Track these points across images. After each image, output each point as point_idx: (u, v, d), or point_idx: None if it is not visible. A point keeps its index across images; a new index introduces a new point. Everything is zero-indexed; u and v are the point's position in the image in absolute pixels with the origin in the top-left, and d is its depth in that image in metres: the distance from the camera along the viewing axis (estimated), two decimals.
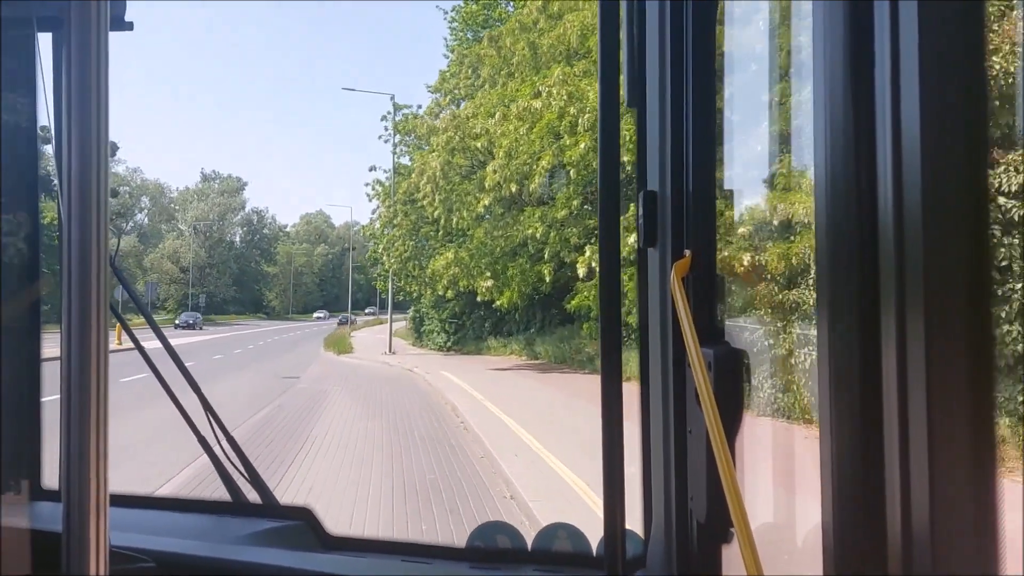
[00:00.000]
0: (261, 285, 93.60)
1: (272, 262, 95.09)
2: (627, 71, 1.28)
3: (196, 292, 79.76)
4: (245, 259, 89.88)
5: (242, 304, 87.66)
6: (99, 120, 0.84)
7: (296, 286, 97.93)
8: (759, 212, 2.80)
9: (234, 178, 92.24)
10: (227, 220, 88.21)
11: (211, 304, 74.90)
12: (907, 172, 0.72)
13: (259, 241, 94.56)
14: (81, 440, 0.83)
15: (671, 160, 1.20)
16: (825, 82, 0.81)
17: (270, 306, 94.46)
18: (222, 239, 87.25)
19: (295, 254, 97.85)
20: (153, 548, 1.45)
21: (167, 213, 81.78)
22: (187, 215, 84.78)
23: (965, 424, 0.69)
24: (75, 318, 0.83)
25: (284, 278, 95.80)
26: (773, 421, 3.01)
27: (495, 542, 1.50)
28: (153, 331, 1.77)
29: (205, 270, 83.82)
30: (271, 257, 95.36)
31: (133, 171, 77.98)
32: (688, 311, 1.08)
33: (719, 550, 1.13)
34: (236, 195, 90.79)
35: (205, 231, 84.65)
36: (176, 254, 79.88)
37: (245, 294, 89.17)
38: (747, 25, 1.55)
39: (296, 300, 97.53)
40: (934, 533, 0.69)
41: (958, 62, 0.70)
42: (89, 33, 0.84)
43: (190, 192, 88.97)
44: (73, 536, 0.83)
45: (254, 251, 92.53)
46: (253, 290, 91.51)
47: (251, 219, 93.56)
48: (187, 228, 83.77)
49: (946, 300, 0.70)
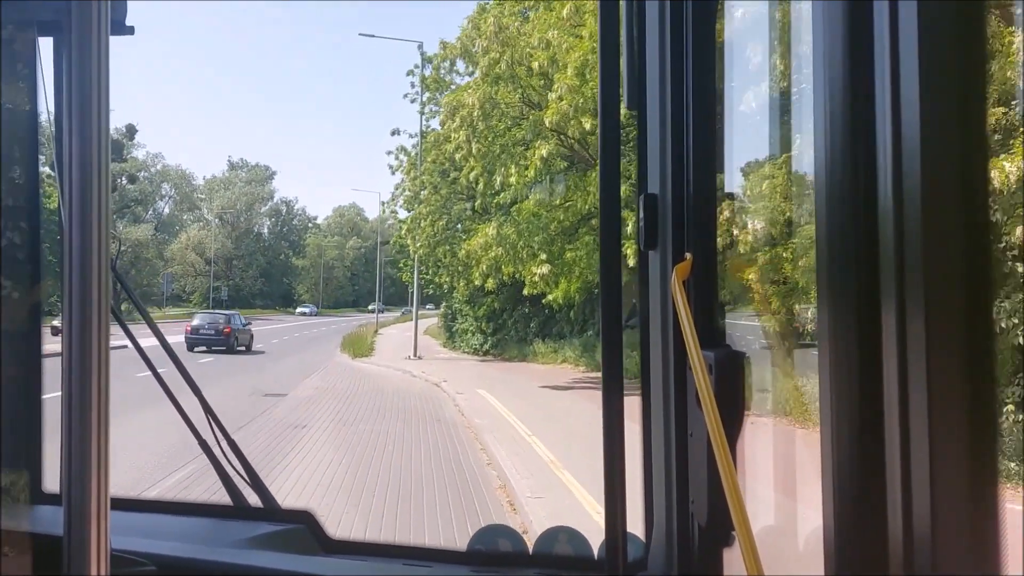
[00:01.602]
0: (290, 278, 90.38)
1: (301, 255, 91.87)
2: (627, 73, 1.27)
3: (218, 285, 76.19)
4: (273, 251, 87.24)
5: (270, 298, 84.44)
6: (100, 124, 0.85)
7: (327, 280, 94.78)
8: (760, 214, 2.54)
9: (262, 167, 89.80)
10: (254, 210, 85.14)
11: (237, 298, 71.13)
12: (907, 172, 0.72)
13: (287, 233, 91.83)
14: (82, 444, 0.83)
15: (672, 163, 1.21)
16: (825, 82, 0.82)
17: (300, 300, 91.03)
18: (249, 230, 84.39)
19: (326, 247, 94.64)
20: (154, 552, 1.45)
21: (189, 201, 78.04)
22: (212, 204, 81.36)
23: (966, 425, 0.69)
24: (76, 321, 0.83)
25: (315, 272, 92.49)
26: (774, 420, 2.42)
27: (496, 546, 1.49)
28: (153, 334, 1.75)
29: (232, 262, 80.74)
30: (300, 249, 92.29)
31: (154, 156, 74.25)
32: (689, 314, 1.09)
33: (720, 553, 1.13)
34: (264, 184, 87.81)
35: (232, 221, 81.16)
36: (201, 245, 76.30)
37: (273, 287, 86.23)
38: (747, 25, 1.53)
39: (327, 295, 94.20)
40: (935, 534, 0.69)
41: (958, 62, 0.71)
42: (89, 37, 0.84)
43: (216, 181, 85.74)
44: (74, 540, 0.83)
45: (282, 243, 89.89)
46: (282, 283, 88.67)
47: (279, 209, 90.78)
48: (213, 217, 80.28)
49: (946, 300, 0.70)
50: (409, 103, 25.42)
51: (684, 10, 1.18)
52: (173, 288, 74.91)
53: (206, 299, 72.74)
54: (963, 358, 0.69)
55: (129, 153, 65.65)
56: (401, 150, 25.91)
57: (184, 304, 74.48)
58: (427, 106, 24.77)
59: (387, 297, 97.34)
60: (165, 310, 67.47)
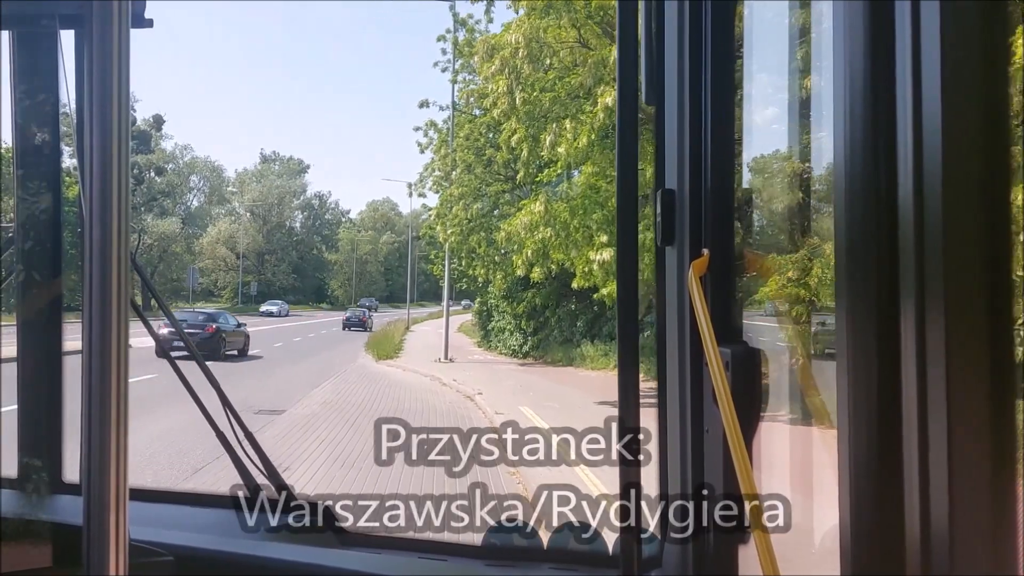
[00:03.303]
0: (323, 273, 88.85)
1: (334, 249, 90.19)
2: (645, 68, 1.27)
3: (246, 280, 74.56)
4: (305, 245, 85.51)
5: (302, 293, 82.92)
6: (120, 117, 0.85)
7: (360, 275, 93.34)
8: (778, 211, 2.39)
9: (295, 160, 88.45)
10: (286, 204, 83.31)
11: (268, 293, 69.35)
12: (928, 172, 0.72)
13: (320, 227, 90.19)
14: (102, 434, 0.84)
15: (689, 158, 1.21)
16: (846, 82, 0.82)
17: (333, 296, 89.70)
18: (281, 224, 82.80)
19: (359, 242, 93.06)
20: (171, 542, 1.47)
21: (219, 194, 76.18)
22: (244, 197, 79.85)
23: (985, 424, 0.69)
24: (96, 314, 0.84)
25: (348, 267, 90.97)
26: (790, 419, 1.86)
27: (511, 540, 1.49)
28: (174, 328, 1.79)
29: (264, 256, 79.19)
30: (333, 244, 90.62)
31: (183, 148, 71.80)
32: (706, 310, 1.09)
33: (735, 550, 1.13)
34: (296, 177, 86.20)
35: (263, 215, 79.58)
36: (232, 239, 74.71)
37: (305, 282, 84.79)
38: (766, 24, 1.56)
39: (360, 290, 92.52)
40: (953, 535, 0.69)
41: (981, 62, 0.70)
42: (110, 31, 0.84)
43: (248, 173, 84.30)
44: (93, 529, 0.84)
45: (315, 237, 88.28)
46: (314, 278, 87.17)
47: (312, 203, 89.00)
48: (244, 211, 78.73)
49: (966, 300, 0.70)
50: (440, 72, 22.35)
51: (703, 8, 1.18)
52: (202, 283, 73.54)
53: (236, 294, 71.29)
54: (982, 359, 0.69)
55: (157, 144, 63.96)
56: (431, 125, 22.81)
57: (215, 300, 73.10)
58: (460, 74, 21.65)
59: (420, 293, 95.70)
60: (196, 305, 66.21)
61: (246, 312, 59.59)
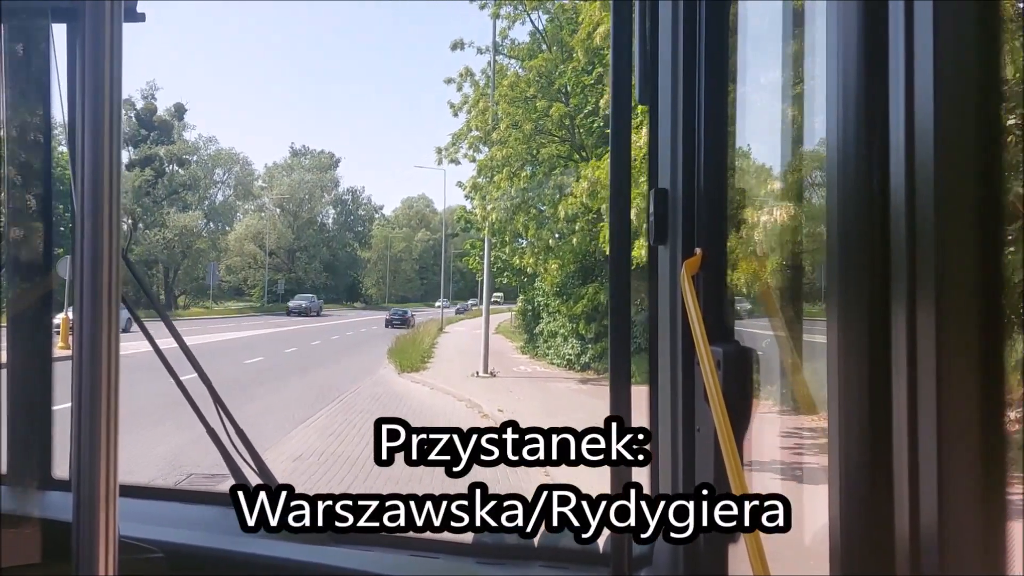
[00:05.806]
0: (356, 271, 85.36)
1: (367, 246, 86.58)
2: (639, 67, 1.27)
3: (274, 278, 71.04)
4: (338, 242, 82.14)
5: (335, 291, 79.55)
6: (112, 112, 0.85)
7: (395, 273, 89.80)
8: (770, 211, 2.39)
9: (327, 154, 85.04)
10: (317, 199, 79.81)
11: (298, 291, 65.45)
12: (920, 174, 0.72)
13: (353, 223, 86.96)
14: (92, 431, 0.83)
15: (682, 157, 1.21)
16: (839, 82, 0.82)
17: (367, 294, 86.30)
18: (312, 220, 79.49)
19: (393, 239, 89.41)
20: (162, 539, 1.48)
21: (245, 188, 72.66)
22: (272, 192, 76.48)
23: (975, 425, 0.69)
24: (87, 310, 0.83)
25: (381, 264, 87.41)
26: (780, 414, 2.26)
27: (502, 538, 1.49)
28: (167, 328, 1.73)
29: (295, 253, 75.82)
30: (366, 241, 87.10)
31: (207, 140, 67.88)
32: (698, 309, 1.09)
33: (726, 549, 1.14)
34: (328, 171, 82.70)
35: (293, 211, 76.12)
36: (260, 235, 71.28)
37: (338, 280, 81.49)
38: (761, 23, 1.55)
39: (394, 288, 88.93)
40: (942, 535, 0.69)
41: (973, 61, 0.70)
42: (103, 26, 0.84)
43: (277, 167, 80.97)
44: (83, 525, 0.83)
45: (347, 234, 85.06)
46: (347, 276, 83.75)
47: (345, 199, 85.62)
48: (274, 206, 75.32)
49: (957, 301, 0.70)
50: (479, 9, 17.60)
51: (698, 8, 1.19)
52: (228, 281, 70.24)
53: (267, 293, 67.88)
54: (972, 360, 0.69)
55: (179, 135, 60.60)
56: (467, 75, 18.02)
57: (245, 299, 69.79)
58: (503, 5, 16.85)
59: (456, 292, 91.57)
60: (225, 304, 62.33)
61: (274, 311, 55.99)
